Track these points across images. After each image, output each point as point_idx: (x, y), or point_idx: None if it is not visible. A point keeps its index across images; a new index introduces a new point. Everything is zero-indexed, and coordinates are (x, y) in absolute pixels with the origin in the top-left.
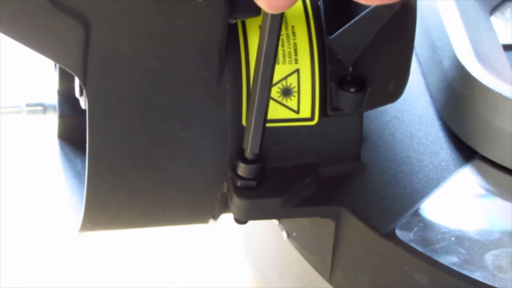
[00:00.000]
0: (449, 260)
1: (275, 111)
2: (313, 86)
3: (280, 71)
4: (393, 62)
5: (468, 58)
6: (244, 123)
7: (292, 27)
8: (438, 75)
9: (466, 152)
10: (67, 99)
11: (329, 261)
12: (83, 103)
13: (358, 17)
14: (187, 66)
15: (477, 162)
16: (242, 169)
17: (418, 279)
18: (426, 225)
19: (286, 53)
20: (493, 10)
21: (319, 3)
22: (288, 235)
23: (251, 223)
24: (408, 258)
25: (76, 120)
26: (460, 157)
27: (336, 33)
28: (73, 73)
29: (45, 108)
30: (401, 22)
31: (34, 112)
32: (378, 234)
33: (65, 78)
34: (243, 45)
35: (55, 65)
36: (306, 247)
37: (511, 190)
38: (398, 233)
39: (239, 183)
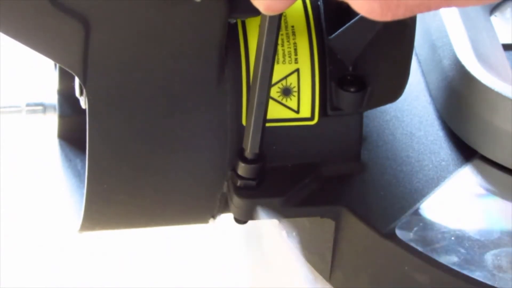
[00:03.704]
0: (449, 259)
1: (275, 111)
2: (313, 86)
3: (280, 70)
4: (393, 62)
5: (468, 58)
6: (244, 123)
7: (292, 27)
8: (438, 74)
9: (466, 152)
10: (67, 99)
11: (329, 261)
12: (83, 103)
13: (358, 17)
14: (187, 66)
15: (477, 162)
16: (242, 168)
17: (418, 279)
18: (426, 225)
19: (286, 53)
20: (493, 10)
21: (319, 3)
22: (288, 235)
23: (251, 223)
24: (408, 258)
25: (76, 120)
26: (460, 157)
27: (336, 33)
28: (73, 73)
29: (45, 108)
30: (401, 22)
31: (34, 112)
32: (378, 234)
33: (65, 78)
34: (243, 45)
35: (55, 65)
36: (306, 247)
37: (511, 190)
38: (398, 233)
39: (239, 182)
